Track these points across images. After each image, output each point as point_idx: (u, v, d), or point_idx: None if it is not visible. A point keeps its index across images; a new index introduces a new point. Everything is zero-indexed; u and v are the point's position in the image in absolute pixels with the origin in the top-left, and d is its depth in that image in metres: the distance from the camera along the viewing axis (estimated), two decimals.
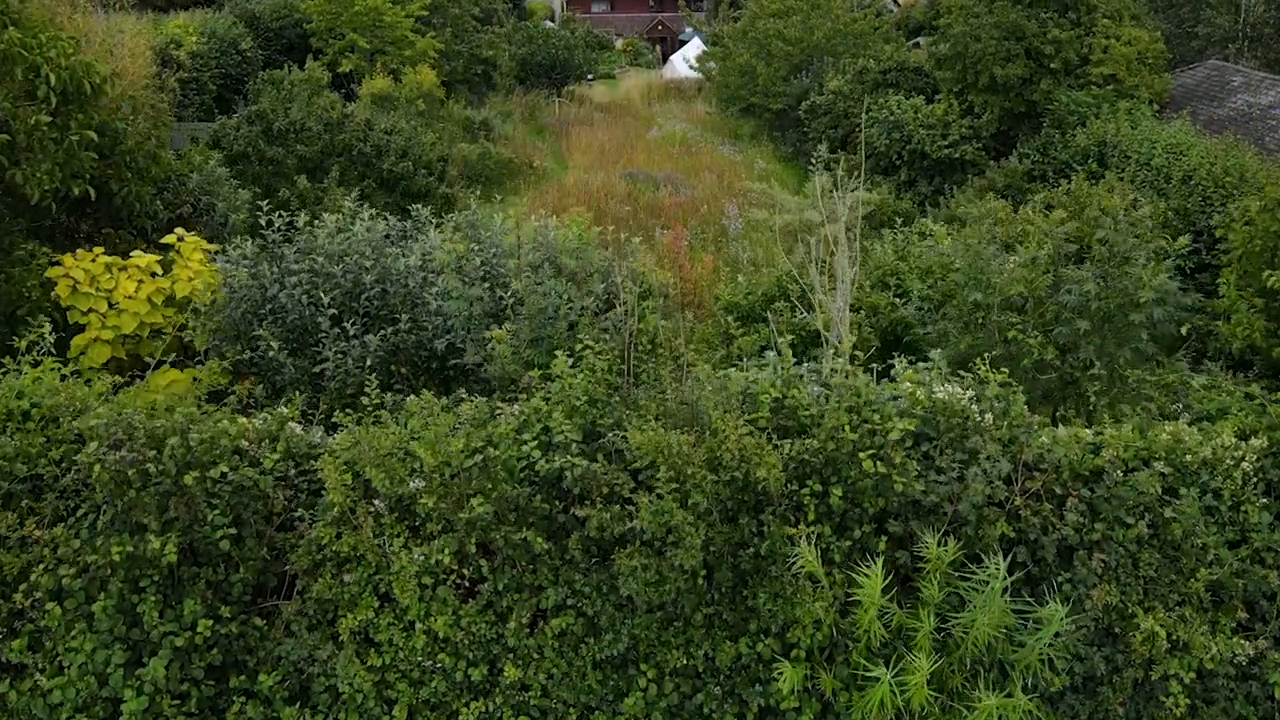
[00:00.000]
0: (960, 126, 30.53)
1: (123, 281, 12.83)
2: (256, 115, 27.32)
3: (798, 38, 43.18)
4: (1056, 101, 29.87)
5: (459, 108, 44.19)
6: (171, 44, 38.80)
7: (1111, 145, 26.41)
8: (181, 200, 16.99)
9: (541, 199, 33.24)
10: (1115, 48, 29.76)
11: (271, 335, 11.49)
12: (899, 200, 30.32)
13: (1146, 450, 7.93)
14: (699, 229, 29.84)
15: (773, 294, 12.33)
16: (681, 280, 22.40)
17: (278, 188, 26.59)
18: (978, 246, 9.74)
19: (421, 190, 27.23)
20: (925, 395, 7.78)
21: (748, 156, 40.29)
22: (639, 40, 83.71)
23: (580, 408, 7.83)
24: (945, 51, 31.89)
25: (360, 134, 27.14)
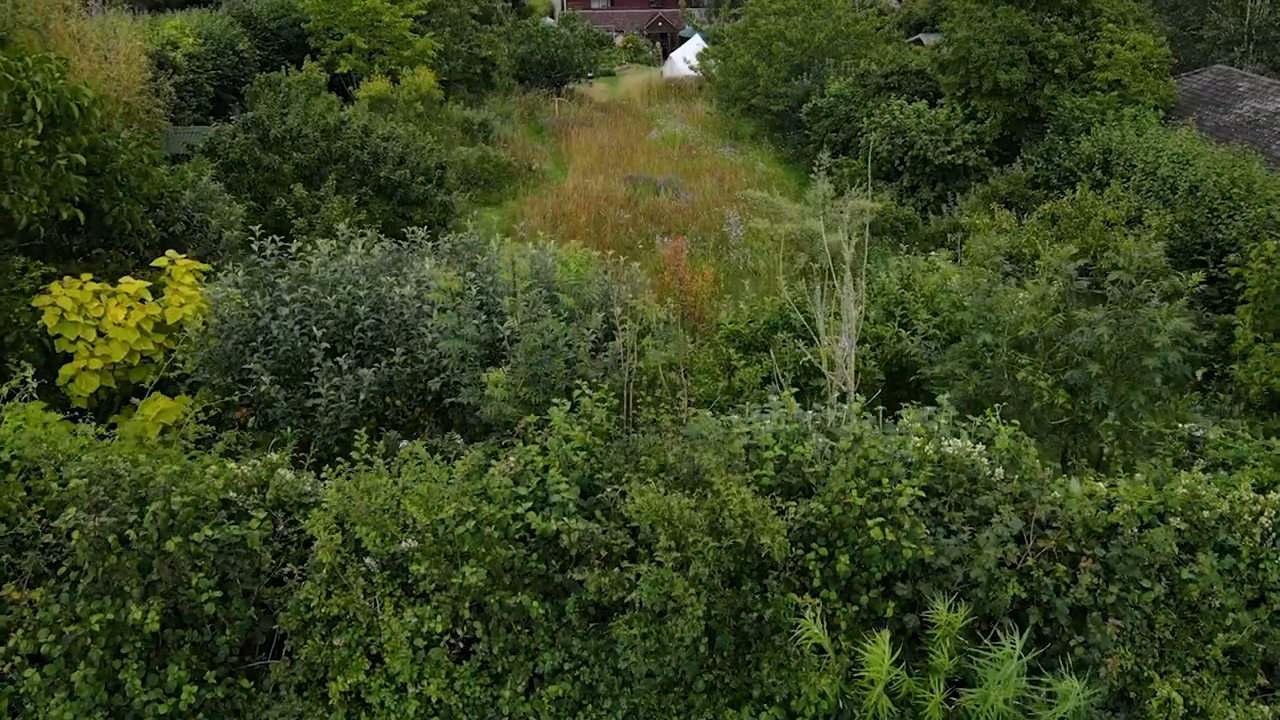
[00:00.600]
0: (963, 132, 30.25)
1: (112, 309, 12.58)
2: (252, 122, 27.02)
3: (799, 38, 42.84)
4: (1060, 107, 29.60)
5: (457, 109, 43.90)
6: (168, 46, 38.51)
7: (1116, 153, 26.14)
8: (174, 218, 16.72)
9: (540, 203, 32.97)
10: (1120, 53, 29.48)
11: (263, 366, 11.25)
12: (901, 207, 30.06)
13: (1162, 505, 7.68)
14: (699, 235, 29.58)
15: (775, 322, 12.08)
16: (682, 293, 22.16)
17: (274, 195, 26.32)
18: (986, 285, 9.48)
19: (420, 198, 26.93)
20: (934, 449, 7.53)
21: (748, 159, 39.99)
22: (639, 37, 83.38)
23: (578, 462, 7.58)
24: (948, 56, 31.60)
25: (358, 141, 26.84)
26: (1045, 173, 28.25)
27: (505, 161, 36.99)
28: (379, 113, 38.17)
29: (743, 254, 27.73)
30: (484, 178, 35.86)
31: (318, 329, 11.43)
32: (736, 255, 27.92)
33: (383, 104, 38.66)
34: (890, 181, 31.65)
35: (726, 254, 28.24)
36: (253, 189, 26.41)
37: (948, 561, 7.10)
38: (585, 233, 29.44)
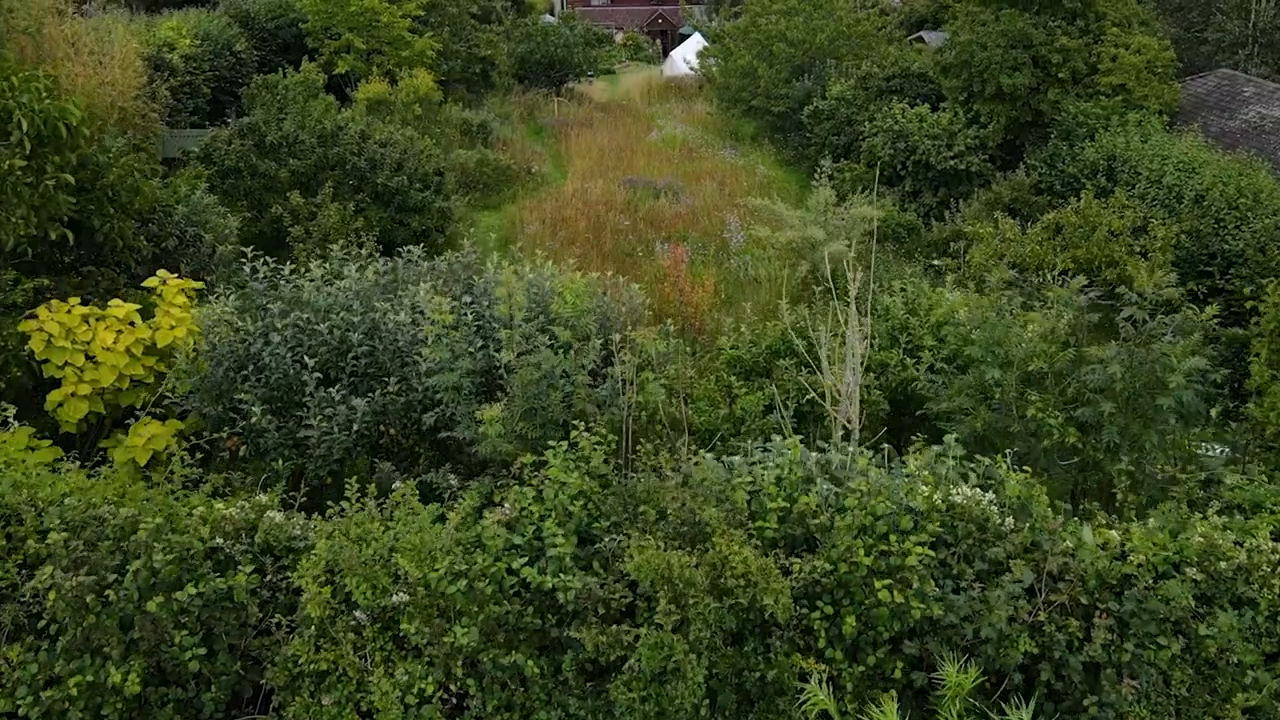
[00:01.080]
0: (965, 137, 29.97)
1: (100, 333, 12.33)
2: (248, 128, 26.78)
3: (800, 39, 42.54)
4: (1064, 112, 29.31)
5: (456, 110, 43.58)
6: (164, 47, 38.21)
7: (1121, 160, 25.87)
8: (166, 233, 16.49)
9: (540, 208, 32.68)
10: (1124, 57, 29.18)
11: (254, 395, 11.02)
12: (903, 213, 29.79)
13: (1178, 555, 7.44)
14: (700, 241, 29.32)
15: (777, 347, 11.83)
16: (682, 304, 21.92)
17: (270, 203, 26.09)
18: (995, 319, 9.24)
19: (417, 204, 26.68)
20: (942, 498, 7.29)
21: (749, 161, 39.70)
22: (639, 34, 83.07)
23: (575, 511, 7.34)
24: (951, 59, 31.32)
25: (354, 147, 26.59)
26: (1049, 178, 27.98)
27: (504, 165, 36.71)
28: (377, 115, 37.92)
29: (743, 261, 27.46)
30: (483, 181, 35.58)
31: (310, 356, 11.20)
32: (737, 262, 27.64)
33: (380, 106, 38.37)
34: (892, 186, 31.38)
35: (727, 260, 27.98)
36: (248, 196, 26.19)
37: (957, 619, 6.86)
38: (585, 238, 29.20)
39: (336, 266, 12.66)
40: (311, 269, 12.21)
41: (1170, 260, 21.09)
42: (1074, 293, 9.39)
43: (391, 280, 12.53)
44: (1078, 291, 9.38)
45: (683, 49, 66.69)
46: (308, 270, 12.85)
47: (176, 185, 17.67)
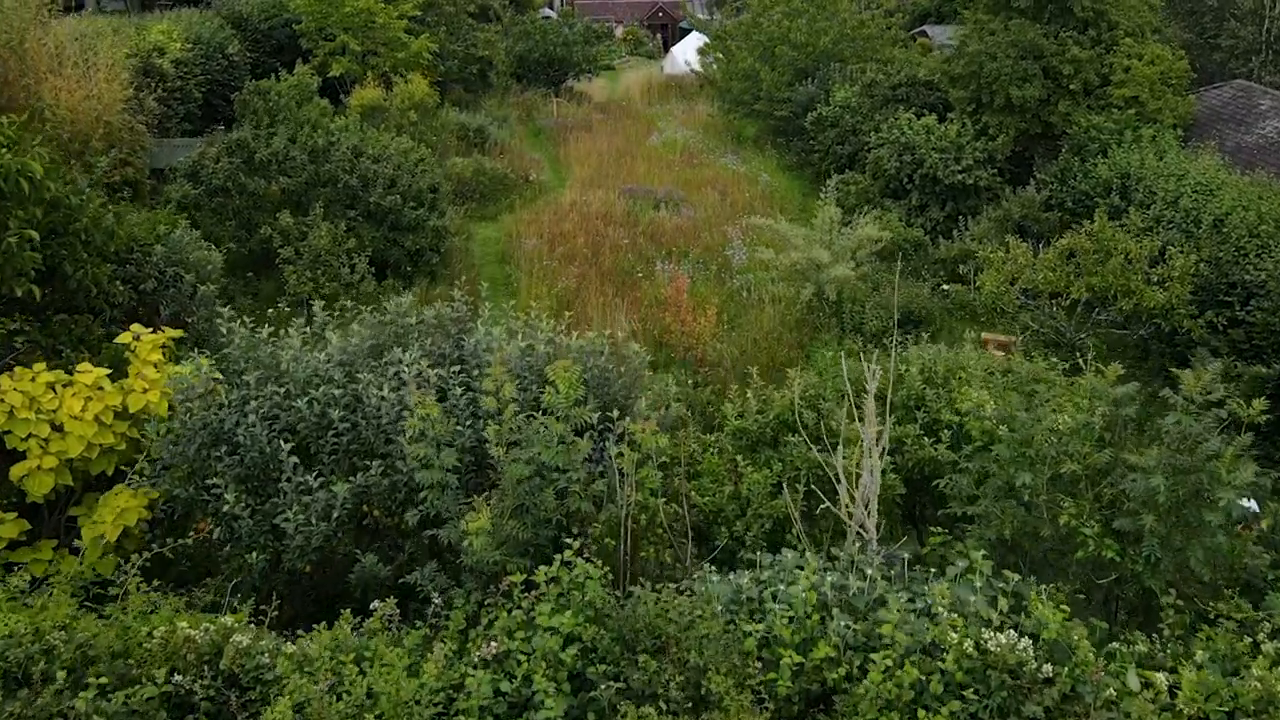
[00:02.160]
0: (974, 149, 29.21)
1: (67, 400, 11.62)
2: (237, 145, 26.02)
3: (804, 42, 41.71)
4: (1075, 125, 28.55)
5: (453, 114, 42.80)
6: (154, 52, 37.42)
7: (1135, 179, 25.13)
8: (145, 274, 15.75)
9: (538, 220, 31.94)
10: (1137, 68, 28.41)
11: (229, 475, 10.33)
12: (909, 228, 29.06)
13: (1233, 702, 6.75)
14: (701, 259, 28.60)
15: (785, 417, 11.13)
16: (684, 334, 21.21)
17: (259, 222, 25.36)
18: (1025, 416, 8.53)
19: (411, 223, 25.94)
20: (974, 645, 6.60)
21: (751, 169, 38.93)
22: (639, 29, 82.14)
23: (566, 659, 6.65)
24: (959, 70, 30.52)
25: (347, 164, 25.82)
26: (1059, 195, 27.25)
27: (501, 174, 35.96)
28: (371, 122, 37.14)
29: (747, 280, 26.76)
30: (479, 191, 34.84)
31: (289, 432, 10.52)
32: (740, 281, 26.94)
33: (375, 113, 37.58)
34: (898, 200, 30.64)
35: (730, 279, 27.27)
36: (237, 215, 25.48)
37: None
38: (583, 255, 28.49)
39: (319, 328, 11.91)
40: (291, 334, 11.46)
41: (1189, 289, 20.39)
42: (1110, 383, 8.68)
43: (375, 345, 11.79)
44: (1114, 382, 8.66)
45: (683, 45, 65.86)
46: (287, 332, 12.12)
47: (156, 219, 16.88)
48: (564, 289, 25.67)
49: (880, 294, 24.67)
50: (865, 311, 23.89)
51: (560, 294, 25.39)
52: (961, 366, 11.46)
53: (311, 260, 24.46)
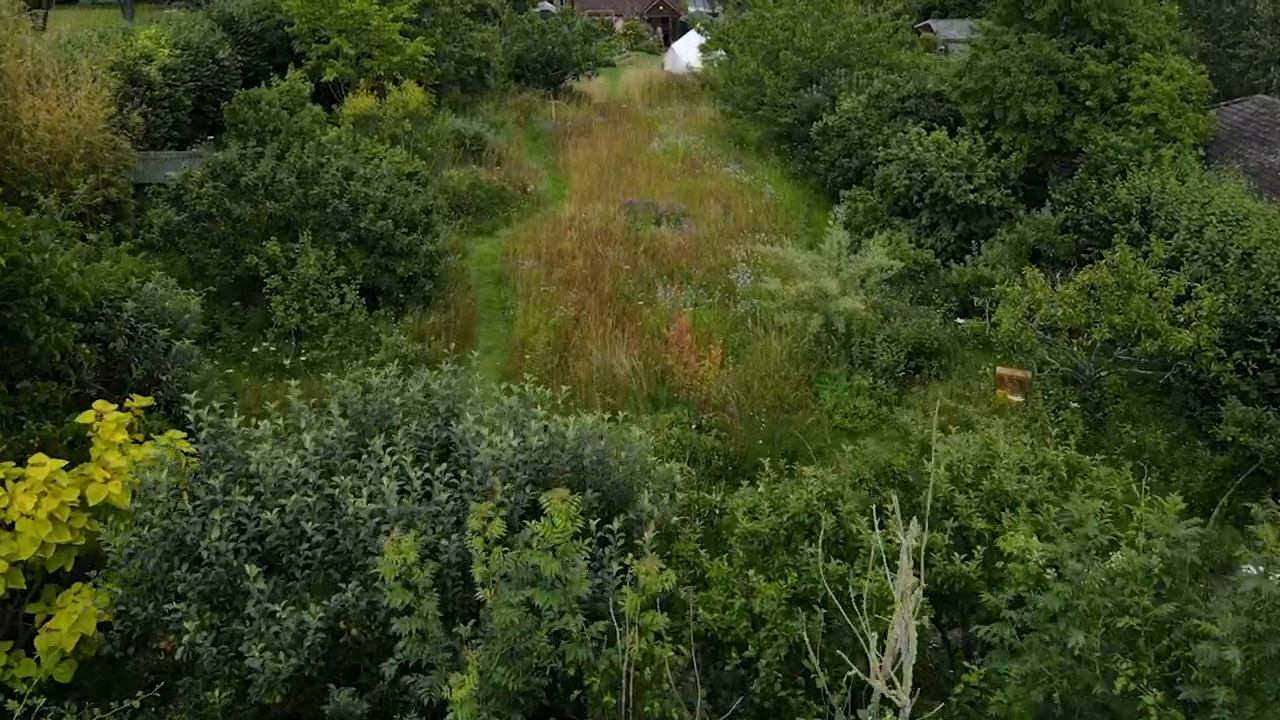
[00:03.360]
0: (986, 167, 28.20)
1: (19, 497, 10.69)
2: (222, 168, 25.01)
3: (808, 47, 40.63)
4: (1092, 144, 27.54)
5: (448, 120, 41.72)
6: (142, 59, 36.36)
7: (1156, 204, 24.14)
8: (115, 331, 14.82)
9: (535, 238, 30.92)
10: (1156, 84, 27.40)
11: (191, 592, 9.42)
12: (919, 249, 28.07)
13: None
14: (704, 282, 27.60)
15: (801, 517, 10.20)
16: (687, 374, 20.26)
17: (245, 249, 24.37)
18: (1075, 565, 7.59)
19: (404, 249, 24.96)
20: None
21: (755, 179, 37.90)
22: (639, 22, 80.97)
23: None
24: (971, 85, 29.50)
25: (336, 187, 24.81)
26: (1076, 217, 26.24)
27: (498, 186, 34.94)
28: (364, 132, 36.12)
29: (751, 306, 25.80)
30: (475, 205, 33.83)
31: (258, 543, 9.62)
32: (745, 307, 25.97)
33: (368, 122, 36.56)
34: (908, 218, 29.65)
35: (734, 305, 26.30)
36: (222, 242, 24.49)
37: None
38: (582, 277, 27.51)
39: (293, 419, 10.96)
40: (262, 428, 10.51)
41: (1216, 328, 19.43)
42: (1171, 517, 7.75)
43: (355, 437, 10.84)
44: (1176, 520, 7.73)
45: (685, 42, 64.73)
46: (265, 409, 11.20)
47: (127, 270, 15.92)
48: (562, 318, 24.69)
49: (890, 324, 23.71)
50: (875, 344, 22.93)
51: (558, 324, 24.42)
52: (992, 461, 10.51)
53: (300, 290, 23.50)
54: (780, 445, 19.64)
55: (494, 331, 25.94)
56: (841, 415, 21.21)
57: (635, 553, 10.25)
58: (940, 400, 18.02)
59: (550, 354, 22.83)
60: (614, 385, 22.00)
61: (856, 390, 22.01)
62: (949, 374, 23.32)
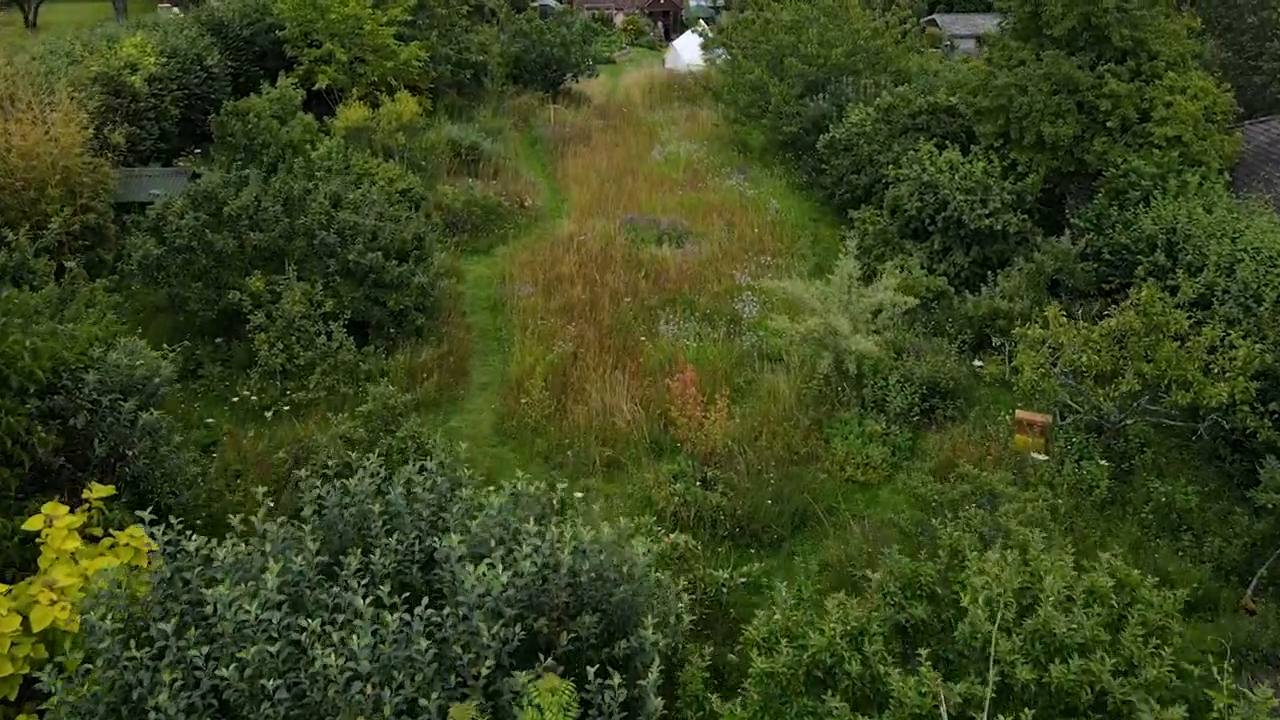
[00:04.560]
0: (1001, 190, 27.05)
1: None
2: (204, 197, 23.87)
3: (814, 54, 39.41)
4: (1112, 167, 26.41)
5: (444, 128, 40.54)
6: (126, 69, 35.15)
7: (1182, 235, 23.02)
8: (76, 406, 13.73)
9: (533, 260, 29.77)
10: (1180, 104, 26.25)
11: None
12: (931, 275, 26.96)
13: None
14: (708, 308, 26.48)
15: (823, 658, 9.14)
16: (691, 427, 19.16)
17: (228, 282, 23.25)
18: None
19: (395, 281, 23.84)
20: None
21: (760, 192, 36.77)
22: (639, 17, 79.63)
23: None
24: (986, 104, 28.32)
25: (324, 217, 23.69)
26: (1096, 244, 25.08)
27: (494, 202, 33.80)
28: (356, 144, 34.96)
29: (757, 340, 24.69)
30: (471, 222, 32.69)
31: (214, 696, 8.57)
32: (750, 340, 24.87)
33: (360, 134, 35.38)
34: (919, 241, 28.53)
35: (739, 336, 25.20)
36: (204, 276, 23.37)
37: None
38: (581, 305, 26.40)
39: (259, 543, 9.89)
40: (222, 553, 9.44)
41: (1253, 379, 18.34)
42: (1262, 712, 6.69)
43: (327, 561, 9.78)
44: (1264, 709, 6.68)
45: (686, 39, 63.45)
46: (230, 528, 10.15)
47: (90, 335, 14.81)
48: (560, 354, 23.60)
49: (903, 362, 22.60)
50: (889, 385, 21.84)
51: (555, 361, 23.33)
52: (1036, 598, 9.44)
53: (285, 327, 22.41)
54: (789, 503, 18.57)
55: (489, 365, 24.84)
56: (853, 466, 20.14)
57: (637, 678, 9.31)
58: (961, 465, 16.90)
59: (547, 396, 21.73)
60: (614, 431, 20.93)
61: (869, 437, 20.93)
62: (965, 416, 22.25)
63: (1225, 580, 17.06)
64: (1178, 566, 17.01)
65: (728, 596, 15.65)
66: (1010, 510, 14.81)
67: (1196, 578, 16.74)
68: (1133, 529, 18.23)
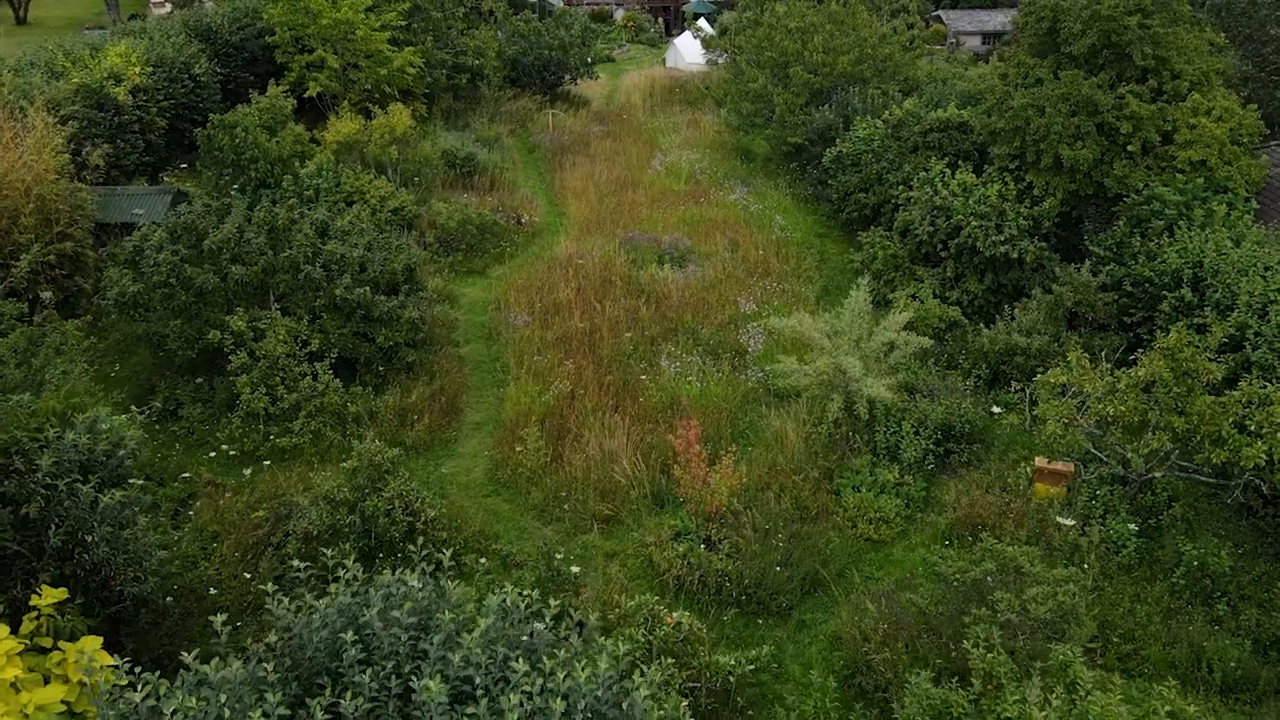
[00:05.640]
0: (1017, 215, 25.92)
1: None
2: (183, 229, 22.78)
3: (820, 62, 38.22)
4: (1134, 193, 25.30)
5: (439, 138, 39.38)
6: (109, 80, 34.01)
7: (1210, 270, 21.92)
8: (29, 492, 12.67)
9: (529, 285, 28.57)
10: (1205, 126, 25.13)
11: None
12: (944, 304, 25.89)
13: None
14: (712, 339, 25.36)
15: None
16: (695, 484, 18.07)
17: (209, 319, 22.17)
18: None
19: (384, 316, 22.75)
20: None
21: (764, 207, 35.60)
22: (639, 13, 78.36)
23: None
24: (1001, 125, 27.16)
25: (309, 250, 22.60)
26: (1117, 274, 23.92)
27: (490, 220, 32.64)
28: (347, 160, 33.85)
29: (763, 375, 23.62)
30: (466, 241, 31.55)
31: None
32: (755, 376, 23.79)
33: (352, 148, 34.23)
34: (931, 266, 27.44)
35: (744, 370, 24.11)
36: (183, 313, 22.27)
37: None
38: (579, 335, 25.29)
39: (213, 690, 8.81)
40: (170, 709, 8.37)
41: None
42: None
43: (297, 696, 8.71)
44: None
45: (688, 37, 62.17)
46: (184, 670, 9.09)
47: (47, 409, 13.73)
48: (558, 394, 22.53)
49: (916, 403, 21.51)
50: (902, 430, 20.77)
51: (551, 402, 22.27)
52: None
53: (268, 368, 21.34)
54: (799, 568, 17.51)
55: (484, 400, 23.77)
56: (866, 522, 19.08)
57: None
58: (985, 539, 15.83)
59: (543, 444, 20.65)
60: (612, 482, 19.87)
61: (881, 487, 19.88)
62: (982, 461, 21.21)
63: (1264, 656, 16.00)
64: (1213, 643, 15.96)
65: (735, 682, 14.61)
66: (1040, 594, 13.79)
67: (1234, 655, 15.72)
68: (1163, 595, 17.18)
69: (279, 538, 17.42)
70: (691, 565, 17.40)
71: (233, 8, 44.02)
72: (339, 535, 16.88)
